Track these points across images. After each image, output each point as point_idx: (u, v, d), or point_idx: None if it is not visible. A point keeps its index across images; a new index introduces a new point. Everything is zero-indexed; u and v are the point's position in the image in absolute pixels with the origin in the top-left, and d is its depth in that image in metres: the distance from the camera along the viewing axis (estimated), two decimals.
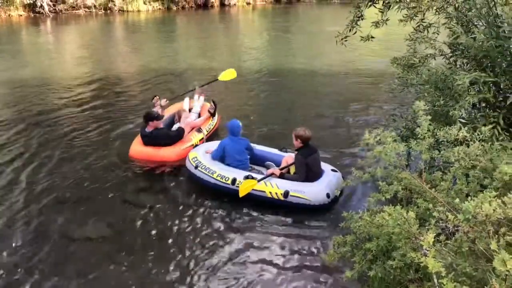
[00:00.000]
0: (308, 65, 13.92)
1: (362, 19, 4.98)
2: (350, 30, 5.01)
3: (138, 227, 4.97)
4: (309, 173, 5.42)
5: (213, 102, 7.80)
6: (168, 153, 6.52)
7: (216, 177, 5.57)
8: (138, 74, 12.41)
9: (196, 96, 8.16)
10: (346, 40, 4.99)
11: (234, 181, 5.46)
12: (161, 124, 6.71)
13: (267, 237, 4.80)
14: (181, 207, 5.38)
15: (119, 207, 5.36)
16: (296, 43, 18.70)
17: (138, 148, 6.59)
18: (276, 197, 5.26)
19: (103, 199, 5.56)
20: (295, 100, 10.16)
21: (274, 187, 5.29)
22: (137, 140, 6.70)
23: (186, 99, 8.14)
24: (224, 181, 5.51)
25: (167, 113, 7.62)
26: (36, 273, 4.18)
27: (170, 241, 4.71)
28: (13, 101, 9.56)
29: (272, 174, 5.49)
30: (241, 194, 5.25)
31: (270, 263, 4.37)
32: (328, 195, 5.23)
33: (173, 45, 18.13)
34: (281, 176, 5.49)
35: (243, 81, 11.81)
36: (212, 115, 7.67)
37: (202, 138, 7.08)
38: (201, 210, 5.33)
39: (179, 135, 6.69)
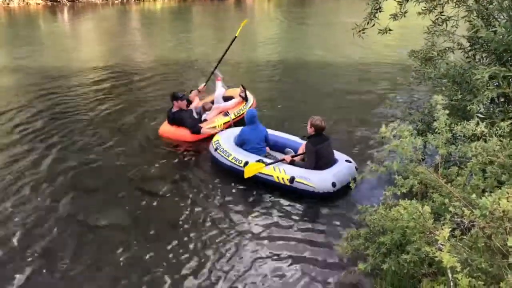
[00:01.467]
0: (325, 56, 13.83)
1: (380, 11, 4.92)
2: (368, 23, 4.95)
3: (154, 214, 5.07)
4: (319, 161, 5.49)
5: (242, 86, 7.90)
6: (187, 133, 6.85)
7: (231, 159, 5.81)
8: (155, 63, 12.51)
9: (218, 84, 8.17)
10: (364, 32, 4.94)
11: (246, 164, 5.64)
12: (184, 105, 6.97)
13: (280, 228, 4.84)
14: (197, 195, 5.49)
15: (137, 194, 5.47)
16: (312, 34, 18.57)
17: (164, 127, 7.07)
18: (283, 182, 5.40)
19: (123, 185, 5.68)
20: (311, 90, 10.16)
21: (282, 172, 5.43)
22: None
23: (218, 84, 8.16)
24: (237, 163, 5.73)
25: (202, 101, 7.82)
26: (52, 258, 4.28)
27: (183, 228, 4.80)
28: (33, 88, 9.73)
29: (282, 160, 5.60)
30: (246, 175, 5.46)
31: (282, 253, 4.41)
32: (334, 184, 5.27)
33: (189, 35, 18.15)
34: (291, 162, 5.59)
35: (261, 72, 11.85)
36: (244, 99, 7.74)
37: (228, 121, 7.22)
38: (216, 199, 5.41)
39: (194, 129, 6.81)
